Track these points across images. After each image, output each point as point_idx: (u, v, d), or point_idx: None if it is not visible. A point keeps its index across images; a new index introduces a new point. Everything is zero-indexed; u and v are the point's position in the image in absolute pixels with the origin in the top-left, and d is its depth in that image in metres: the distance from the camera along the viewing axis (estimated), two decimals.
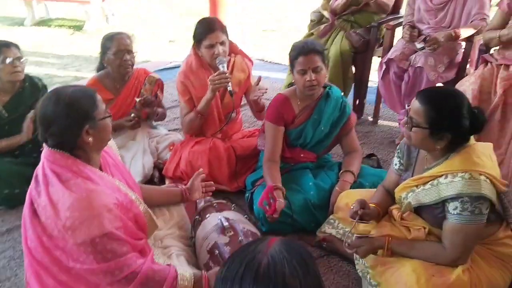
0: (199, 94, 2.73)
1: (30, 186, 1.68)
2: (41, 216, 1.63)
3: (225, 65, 2.65)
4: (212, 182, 2.26)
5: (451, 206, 1.76)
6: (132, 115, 2.85)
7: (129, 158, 2.83)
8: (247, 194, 2.60)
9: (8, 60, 2.69)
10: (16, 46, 2.79)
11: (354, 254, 2.02)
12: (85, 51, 6.01)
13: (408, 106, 1.90)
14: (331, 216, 2.31)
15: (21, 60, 2.77)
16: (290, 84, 2.68)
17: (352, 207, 2.00)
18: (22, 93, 2.82)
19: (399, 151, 2.09)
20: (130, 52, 2.85)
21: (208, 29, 2.65)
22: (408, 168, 2.05)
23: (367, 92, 3.72)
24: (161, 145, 2.97)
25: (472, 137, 1.87)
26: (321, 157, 2.63)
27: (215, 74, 2.61)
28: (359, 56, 3.58)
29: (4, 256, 2.29)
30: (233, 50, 2.91)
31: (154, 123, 3.19)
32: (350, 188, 2.40)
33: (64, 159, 1.63)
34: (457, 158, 1.79)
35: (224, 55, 2.69)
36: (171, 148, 2.89)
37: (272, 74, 4.83)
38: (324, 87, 2.54)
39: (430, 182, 1.83)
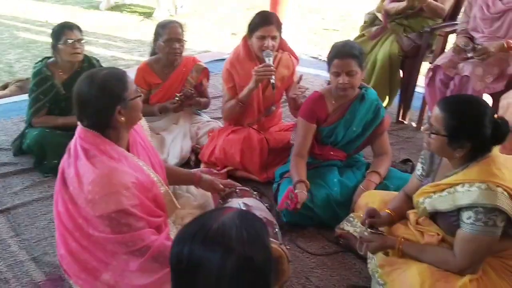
0: (243, 83, 2.84)
1: (63, 158, 1.87)
2: (69, 186, 1.81)
3: (272, 58, 2.74)
4: (232, 184, 2.33)
5: (465, 215, 1.76)
6: (176, 98, 2.99)
7: (169, 140, 3.01)
8: (274, 185, 2.68)
9: (69, 41, 2.91)
10: (78, 28, 3.00)
11: (368, 253, 2.07)
12: (151, 37, 6.30)
13: None
14: (351, 214, 2.35)
15: (82, 42, 2.98)
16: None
17: (361, 215, 2.05)
18: (80, 72, 3.00)
19: (423, 157, 2.10)
20: (180, 40, 3.01)
21: (263, 21, 2.75)
22: (429, 175, 2.06)
23: (413, 98, 3.67)
24: (201, 131, 3.12)
25: (496, 148, 1.85)
26: (351, 157, 2.66)
27: (261, 65, 2.71)
28: (408, 61, 3.55)
29: (45, 218, 2.52)
30: (282, 46, 3.00)
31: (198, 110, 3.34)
32: (375, 189, 2.44)
33: (93, 138, 1.79)
34: (476, 168, 1.78)
35: (273, 50, 2.78)
36: (210, 134, 3.03)
37: (325, 72, 4.85)
38: (360, 88, 2.57)
39: (447, 189, 1.83)
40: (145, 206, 1.85)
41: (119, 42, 6.18)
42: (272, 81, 2.71)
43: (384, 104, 3.63)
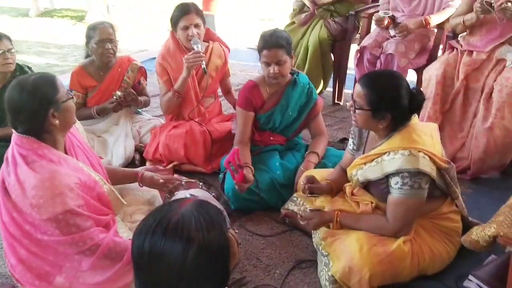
0: (177, 75, 2.89)
1: (1, 167, 1.87)
2: (12, 194, 1.81)
3: (200, 45, 2.81)
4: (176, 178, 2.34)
5: (393, 181, 1.91)
6: (114, 97, 3.00)
7: (112, 141, 3.02)
8: (220, 175, 2.76)
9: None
10: (8, 38, 2.93)
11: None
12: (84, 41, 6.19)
13: None
14: (294, 194, 2.47)
15: (12, 51, 2.91)
16: None
17: (301, 182, 2.17)
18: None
19: (352, 132, 2.24)
20: (112, 41, 3.01)
21: (183, 12, 2.83)
22: (359, 148, 2.20)
23: (346, 79, 3.84)
24: (143, 129, 3.14)
25: (415, 117, 2.01)
26: (290, 140, 2.78)
27: (190, 53, 2.77)
28: (338, 44, 3.71)
29: None
30: (211, 37, 3.09)
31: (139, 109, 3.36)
32: (314, 168, 2.57)
33: (30, 143, 1.80)
34: (398, 137, 1.94)
35: (199, 37, 2.85)
36: (152, 132, 3.06)
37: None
38: (292, 74, 2.68)
39: (375, 159, 1.98)
40: (91, 205, 1.87)
41: (52, 49, 6.03)
42: (203, 66, 2.79)
43: (320, 87, 3.79)
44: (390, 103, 1.90)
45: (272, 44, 2.50)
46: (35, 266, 1.86)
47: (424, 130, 1.97)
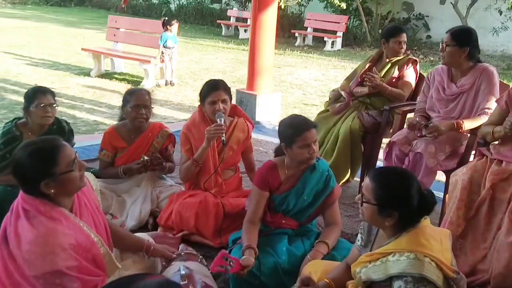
0: (198, 144, 3.00)
1: (6, 215, 1.92)
2: (10, 243, 1.85)
3: (223, 119, 2.92)
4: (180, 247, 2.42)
5: (396, 284, 1.81)
6: (142, 159, 3.11)
7: (129, 202, 3.07)
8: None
9: (41, 105, 3.00)
10: (52, 93, 3.13)
11: None
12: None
13: None
14: (296, 283, 2.36)
15: (54, 106, 3.10)
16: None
17: (297, 284, 2.09)
18: (48, 134, 3.14)
19: (362, 227, 2.16)
20: (146, 106, 3.17)
21: (212, 88, 2.99)
22: (367, 245, 2.11)
23: None
24: (162, 195, 3.19)
25: (427, 220, 1.92)
26: (302, 226, 2.71)
27: (212, 125, 2.89)
28: (370, 136, 3.70)
29: None
30: (237, 113, 3.21)
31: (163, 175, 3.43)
32: (323, 259, 2.47)
33: (33, 199, 1.85)
34: (405, 238, 1.86)
35: (224, 112, 2.96)
36: (170, 198, 3.09)
37: None
38: None
39: (380, 259, 1.89)
40: (83, 267, 1.88)
41: (103, 108, 6.38)
42: (222, 138, 2.88)
43: (346, 176, 3.74)
44: (398, 201, 1.85)
45: (310, 125, 2.56)
46: None
47: (434, 235, 1.88)
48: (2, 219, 2.82)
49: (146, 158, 3.13)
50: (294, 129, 2.56)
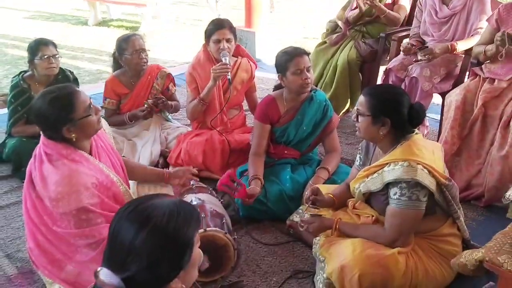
0: (204, 84, 3.07)
1: (30, 161, 2.08)
2: (36, 185, 2.02)
3: (228, 58, 2.98)
4: (196, 172, 2.57)
5: (391, 192, 1.96)
6: (145, 105, 3.21)
7: (140, 145, 3.22)
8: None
9: (45, 57, 3.11)
10: (54, 44, 3.21)
11: (314, 240, 2.25)
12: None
13: None
14: (300, 206, 2.55)
15: (57, 57, 3.19)
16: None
17: (306, 193, 2.25)
18: (55, 84, 3.24)
19: (360, 148, 2.31)
20: (144, 50, 3.24)
21: (217, 26, 3.03)
22: (365, 164, 2.26)
23: None
24: (170, 136, 3.33)
25: (419, 134, 2.05)
26: (304, 155, 2.86)
27: (218, 64, 2.96)
28: (367, 65, 3.76)
29: (20, 220, 2.70)
30: (241, 53, 3.26)
31: (169, 115, 3.56)
32: (324, 183, 2.63)
33: (55, 144, 1.99)
34: (399, 149, 2.00)
35: (229, 51, 3.02)
36: (178, 138, 3.23)
37: None
38: (310, 90, 2.77)
39: (377, 171, 2.03)
40: (105, 203, 2.04)
41: (104, 56, 6.39)
42: (228, 77, 2.96)
43: (347, 106, 3.85)
44: (389, 108, 1.98)
45: (301, 51, 2.65)
46: (49, 252, 2.05)
47: (426, 146, 2.01)
48: (20, 167, 3.05)
49: (150, 101, 3.23)
50: (286, 55, 2.67)
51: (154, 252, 1.15)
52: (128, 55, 3.20)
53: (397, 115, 1.98)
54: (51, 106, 1.92)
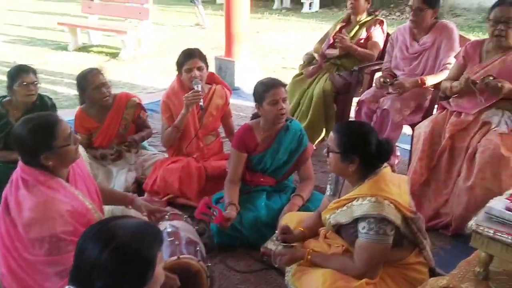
0: (178, 112, 3.15)
1: (6, 186, 2.09)
2: (11, 211, 2.02)
3: (200, 86, 3.07)
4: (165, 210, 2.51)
5: (360, 226, 2.03)
6: (114, 149, 3.24)
7: (115, 171, 3.24)
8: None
9: (24, 84, 3.11)
10: (34, 72, 3.22)
11: (286, 269, 2.30)
12: (115, 76, 6.59)
13: None
14: (275, 234, 2.59)
15: (36, 84, 3.20)
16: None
17: (276, 232, 2.32)
18: (32, 110, 3.24)
19: (330, 179, 2.38)
20: (104, 84, 3.23)
21: (187, 56, 3.13)
22: (335, 194, 2.33)
23: None
24: (147, 163, 3.36)
25: (387, 168, 2.13)
26: (280, 182, 2.93)
27: (190, 92, 3.04)
28: (341, 96, 3.89)
29: None
30: (215, 80, 3.36)
31: (145, 143, 3.59)
32: (298, 211, 2.70)
33: (32, 170, 2.01)
34: (367, 184, 2.07)
35: (201, 79, 3.11)
36: (154, 165, 3.26)
37: None
38: (286, 120, 2.86)
39: (346, 204, 2.10)
40: (78, 231, 2.05)
41: None
42: (200, 103, 3.04)
43: (322, 135, 3.95)
44: (357, 146, 2.06)
45: (277, 83, 2.74)
46: (22, 279, 2.03)
47: (393, 180, 2.09)
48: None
49: (124, 147, 3.26)
50: (263, 86, 2.76)
51: (118, 269, 1.22)
52: (89, 92, 3.21)
53: (365, 153, 2.05)
54: (31, 133, 1.95)
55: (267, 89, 2.72)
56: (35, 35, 9.44)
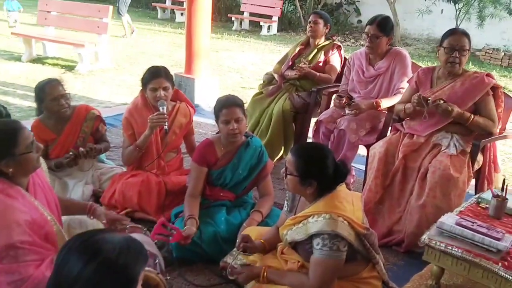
0: (141, 130, 3.12)
1: None
2: None
3: (165, 107, 3.05)
4: (127, 221, 2.47)
5: (315, 242, 2.08)
6: (71, 153, 3.12)
7: (71, 184, 3.17)
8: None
9: None
10: None
11: (244, 287, 2.32)
12: (71, 89, 6.41)
13: None
14: (234, 248, 2.61)
15: None
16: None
17: (237, 241, 2.34)
18: None
19: (287, 195, 2.43)
20: (63, 96, 3.13)
21: (153, 75, 3.10)
22: (292, 210, 2.39)
23: None
24: (104, 176, 3.30)
25: (343, 186, 2.21)
26: (239, 197, 2.96)
27: (155, 114, 3.02)
28: (300, 116, 3.99)
29: None
30: (180, 97, 3.35)
31: (102, 156, 3.53)
32: (258, 226, 2.73)
33: None
34: (322, 202, 2.13)
35: (166, 99, 3.09)
36: (112, 179, 3.21)
37: None
38: (246, 136, 2.91)
39: (302, 221, 2.16)
40: (35, 242, 2.00)
41: None
42: (165, 127, 3.02)
43: (280, 153, 4.03)
44: (316, 171, 2.12)
45: (231, 103, 2.77)
46: None
47: (347, 198, 2.16)
48: None
49: (82, 150, 3.13)
50: (218, 105, 2.81)
51: (102, 284, 1.19)
52: (47, 103, 3.11)
53: (323, 177, 2.12)
54: None
55: (220, 108, 2.78)
56: None
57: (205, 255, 2.68)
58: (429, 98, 2.91)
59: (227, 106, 2.75)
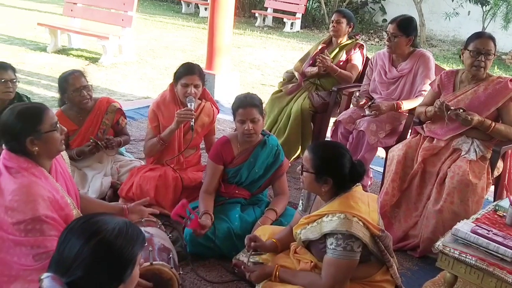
0: (166, 123, 3.15)
1: None
2: None
3: (194, 104, 3.08)
4: (156, 210, 2.56)
5: (328, 242, 2.08)
6: (91, 141, 3.18)
7: (91, 176, 3.21)
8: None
9: (2, 81, 3.09)
10: (12, 69, 3.20)
11: (256, 286, 2.33)
12: (94, 81, 6.50)
13: None
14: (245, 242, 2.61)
15: (14, 81, 3.18)
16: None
17: (245, 242, 2.35)
18: None
19: (302, 194, 2.43)
20: (86, 87, 3.20)
21: (187, 71, 3.12)
22: (307, 210, 2.38)
23: None
24: (123, 169, 3.35)
25: (359, 186, 2.19)
26: (254, 195, 2.96)
27: (183, 109, 3.04)
28: (319, 116, 3.97)
29: None
30: (206, 96, 3.38)
31: (123, 150, 3.57)
32: (271, 225, 2.73)
33: (16, 158, 2.02)
34: (337, 201, 2.13)
35: (195, 96, 3.11)
36: (131, 172, 3.25)
37: None
38: (263, 135, 2.91)
39: (316, 220, 2.15)
40: (57, 220, 2.04)
41: None
42: (191, 123, 3.04)
43: (297, 152, 4.01)
44: (331, 168, 2.11)
45: (247, 103, 2.76)
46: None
47: (362, 199, 2.15)
48: None
49: (103, 142, 3.20)
50: (236, 104, 2.82)
51: (99, 262, 1.28)
52: (70, 93, 3.17)
53: (338, 175, 2.12)
54: (19, 116, 1.98)
55: (237, 108, 2.79)
56: (14, 33, 9.29)
57: (218, 251, 2.70)
58: (452, 108, 2.86)
59: (244, 106, 2.76)
